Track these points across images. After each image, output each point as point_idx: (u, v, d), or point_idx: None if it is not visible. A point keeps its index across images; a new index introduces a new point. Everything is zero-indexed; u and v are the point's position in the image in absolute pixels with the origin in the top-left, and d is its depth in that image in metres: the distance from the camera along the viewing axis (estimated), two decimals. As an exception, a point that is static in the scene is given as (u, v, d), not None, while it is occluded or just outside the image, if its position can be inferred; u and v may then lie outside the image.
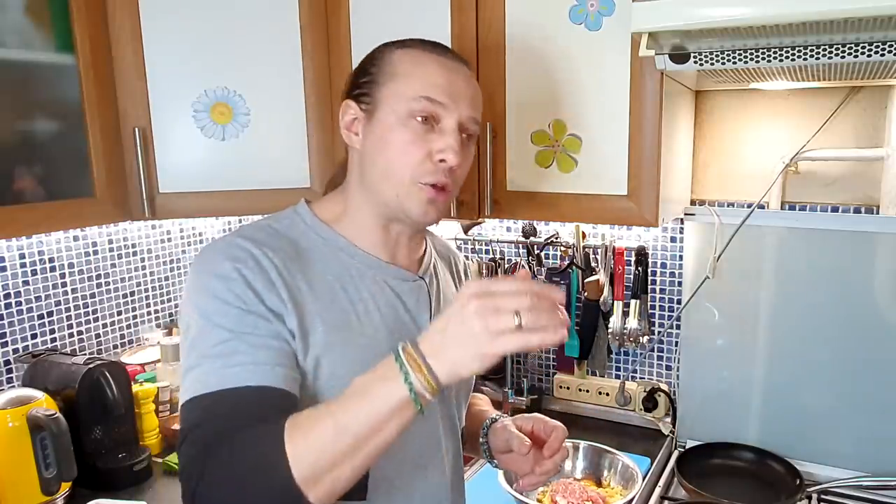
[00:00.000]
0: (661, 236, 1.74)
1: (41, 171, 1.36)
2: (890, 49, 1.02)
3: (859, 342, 1.51)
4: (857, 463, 1.54)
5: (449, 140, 0.91)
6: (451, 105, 0.92)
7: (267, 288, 0.84)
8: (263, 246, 0.88)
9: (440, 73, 0.93)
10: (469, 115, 0.94)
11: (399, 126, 0.92)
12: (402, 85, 0.93)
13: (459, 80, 0.95)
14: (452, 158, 0.91)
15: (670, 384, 1.79)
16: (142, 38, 1.46)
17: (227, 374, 0.80)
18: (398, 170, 0.92)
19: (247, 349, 0.82)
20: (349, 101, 0.97)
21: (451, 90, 0.93)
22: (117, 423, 1.51)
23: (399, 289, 0.97)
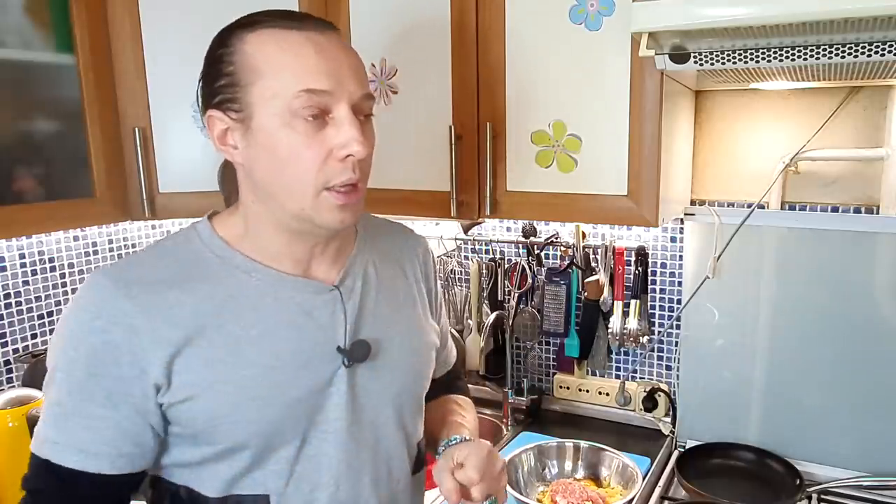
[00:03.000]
0: (661, 236, 1.74)
1: (41, 171, 1.36)
2: (890, 49, 1.02)
3: (859, 342, 1.51)
4: (857, 463, 1.54)
5: (349, 131, 0.79)
6: (338, 89, 0.79)
7: (125, 340, 0.78)
8: (129, 282, 0.80)
9: (311, 53, 0.79)
10: (360, 93, 0.82)
11: (284, 130, 0.79)
12: (272, 81, 0.79)
13: (340, 55, 0.81)
14: (359, 150, 0.79)
15: (670, 384, 1.79)
16: (142, 37, 1.46)
17: (61, 450, 0.78)
18: (298, 180, 0.80)
19: (83, 426, 0.78)
20: (212, 111, 0.83)
21: (331, 71, 0.79)
22: (117, 423, 1.51)
23: (310, 304, 0.87)
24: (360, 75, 0.83)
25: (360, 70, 0.84)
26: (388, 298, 0.96)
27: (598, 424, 1.82)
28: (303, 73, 0.79)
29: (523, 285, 1.88)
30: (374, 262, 0.97)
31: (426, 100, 1.50)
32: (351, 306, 0.91)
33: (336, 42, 0.82)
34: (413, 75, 1.51)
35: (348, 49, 0.84)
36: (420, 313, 1.02)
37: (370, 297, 0.94)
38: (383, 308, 0.95)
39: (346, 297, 0.91)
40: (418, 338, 1.00)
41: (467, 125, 1.47)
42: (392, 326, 0.95)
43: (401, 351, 0.96)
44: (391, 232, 1.05)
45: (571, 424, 1.83)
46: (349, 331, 0.89)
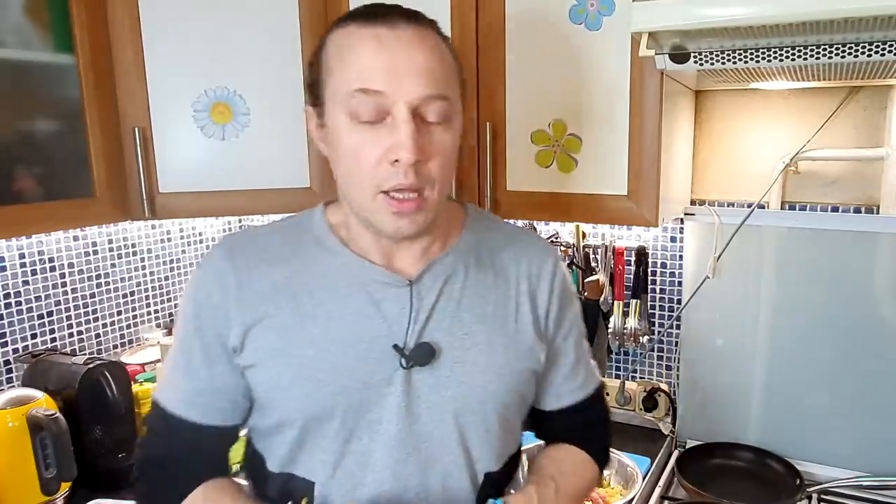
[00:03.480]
0: (661, 236, 1.74)
1: (41, 171, 1.36)
2: (890, 49, 1.02)
3: (859, 342, 1.51)
4: (857, 463, 1.54)
5: (399, 134, 0.76)
6: (393, 89, 0.76)
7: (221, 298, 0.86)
8: (235, 250, 0.88)
9: (374, 51, 0.77)
10: (422, 94, 0.77)
11: (345, 129, 0.79)
12: (338, 79, 0.79)
13: (402, 52, 0.77)
14: (406, 155, 0.76)
15: (670, 384, 1.79)
16: (142, 37, 1.46)
17: (172, 397, 0.89)
18: (356, 180, 0.80)
19: (186, 377, 0.88)
20: (306, 106, 0.86)
21: (390, 69, 0.76)
22: (117, 423, 1.51)
23: (379, 295, 0.86)
24: (429, 74, 0.77)
25: (432, 68, 0.78)
26: (474, 306, 0.88)
27: (598, 424, 1.82)
28: (360, 72, 0.77)
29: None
30: (469, 266, 0.90)
31: (426, 100, 1.50)
32: (422, 305, 0.86)
33: (406, 38, 0.77)
34: (413, 75, 1.51)
35: (420, 45, 0.78)
36: (513, 329, 0.90)
37: (450, 301, 0.88)
38: (464, 314, 0.88)
39: (420, 294, 0.86)
40: (501, 355, 0.88)
41: (467, 125, 1.47)
42: (470, 336, 0.87)
43: (474, 364, 0.87)
44: (512, 240, 0.95)
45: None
46: (414, 330, 0.85)
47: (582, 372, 0.99)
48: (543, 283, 0.93)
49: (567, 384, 0.98)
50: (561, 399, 0.98)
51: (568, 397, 0.98)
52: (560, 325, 0.95)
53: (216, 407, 0.88)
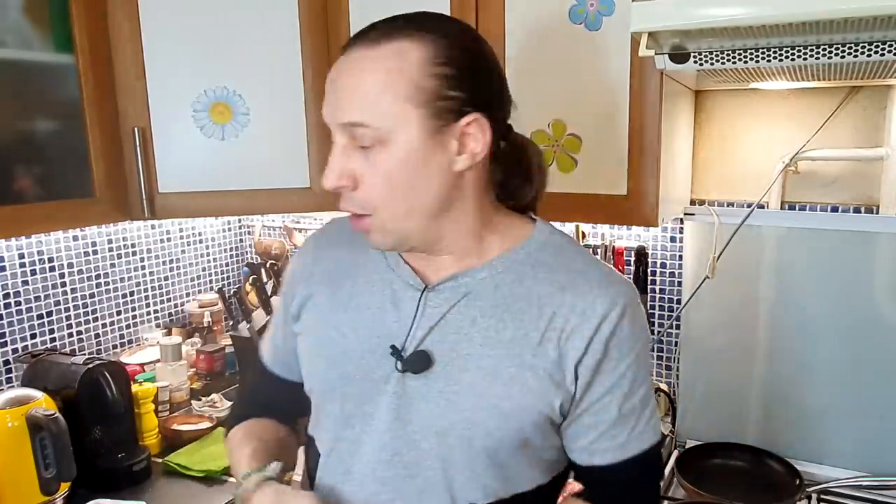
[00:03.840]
0: (661, 236, 1.74)
1: (40, 171, 1.36)
2: (890, 49, 1.02)
3: (859, 342, 1.51)
4: (857, 463, 1.53)
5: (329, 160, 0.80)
6: (327, 116, 0.80)
7: (300, 273, 0.98)
8: (321, 233, 1.02)
9: (328, 79, 0.81)
10: (340, 120, 0.78)
11: None
12: None
13: (338, 78, 0.80)
14: (325, 181, 0.80)
15: (670, 384, 1.79)
16: (141, 37, 1.46)
17: (264, 351, 1.07)
18: None
19: (271, 333, 1.05)
20: None
21: (328, 97, 0.80)
22: (117, 423, 1.51)
23: (400, 294, 0.88)
24: (348, 100, 0.78)
25: (350, 96, 0.78)
26: (489, 328, 0.83)
27: (597, 424, 1.82)
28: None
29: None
30: (502, 285, 0.85)
31: (426, 100, 1.50)
32: (433, 313, 0.85)
33: (348, 63, 0.79)
34: (413, 75, 1.51)
35: (354, 71, 0.78)
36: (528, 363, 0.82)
37: (465, 316, 0.84)
38: (476, 334, 0.83)
39: (433, 302, 0.85)
40: (501, 386, 0.82)
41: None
42: (474, 357, 0.83)
43: (469, 387, 0.82)
44: (571, 268, 0.86)
45: None
46: (416, 336, 0.85)
47: (626, 431, 0.85)
48: (587, 325, 0.82)
49: (602, 442, 0.85)
50: (594, 457, 0.86)
51: (601, 456, 0.86)
52: (596, 377, 0.83)
53: (284, 362, 1.02)
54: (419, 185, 0.80)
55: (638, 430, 0.86)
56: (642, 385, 0.86)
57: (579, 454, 0.87)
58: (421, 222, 0.82)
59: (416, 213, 0.81)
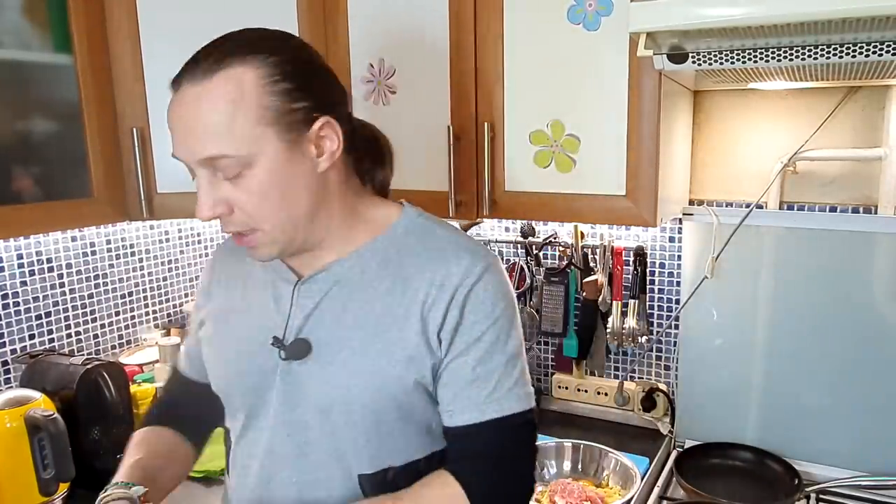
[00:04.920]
0: (660, 236, 1.74)
1: (39, 172, 1.35)
2: (888, 49, 1.02)
3: (858, 342, 1.51)
4: (856, 463, 1.54)
5: (198, 193, 0.85)
6: (181, 154, 0.84)
7: (204, 284, 1.07)
8: (220, 247, 1.09)
9: (168, 118, 0.84)
10: (199, 156, 0.82)
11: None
12: None
13: (180, 119, 0.82)
14: (200, 213, 0.86)
15: (669, 384, 1.79)
16: (139, 38, 1.46)
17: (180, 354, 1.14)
18: None
19: (187, 340, 1.11)
20: None
21: (177, 136, 0.83)
22: (115, 423, 1.51)
23: (280, 291, 0.96)
24: (199, 137, 0.81)
25: (200, 132, 0.80)
26: (359, 309, 0.90)
27: (596, 424, 1.82)
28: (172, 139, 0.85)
29: (522, 285, 1.88)
30: (368, 270, 0.92)
31: (424, 100, 1.50)
32: (306, 303, 0.93)
33: (185, 102, 0.81)
34: (411, 75, 1.51)
35: (195, 108, 0.80)
36: (395, 336, 0.89)
37: (336, 302, 0.91)
38: (348, 316, 0.91)
39: (306, 294, 0.94)
40: (372, 359, 0.89)
41: (465, 125, 1.47)
42: (346, 339, 0.90)
43: (343, 365, 0.90)
44: (432, 247, 0.92)
45: (570, 424, 1.83)
46: (293, 325, 0.93)
47: (484, 392, 0.89)
48: (444, 292, 0.88)
49: (458, 402, 0.89)
50: (454, 417, 0.90)
51: (459, 416, 0.89)
52: (455, 339, 0.89)
53: (198, 368, 1.07)
54: (291, 195, 0.85)
55: (496, 396, 0.89)
56: (502, 351, 0.90)
57: (444, 417, 0.92)
58: (301, 228, 0.88)
59: (295, 220, 0.87)
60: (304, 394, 0.92)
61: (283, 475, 0.94)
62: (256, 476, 0.96)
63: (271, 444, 0.95)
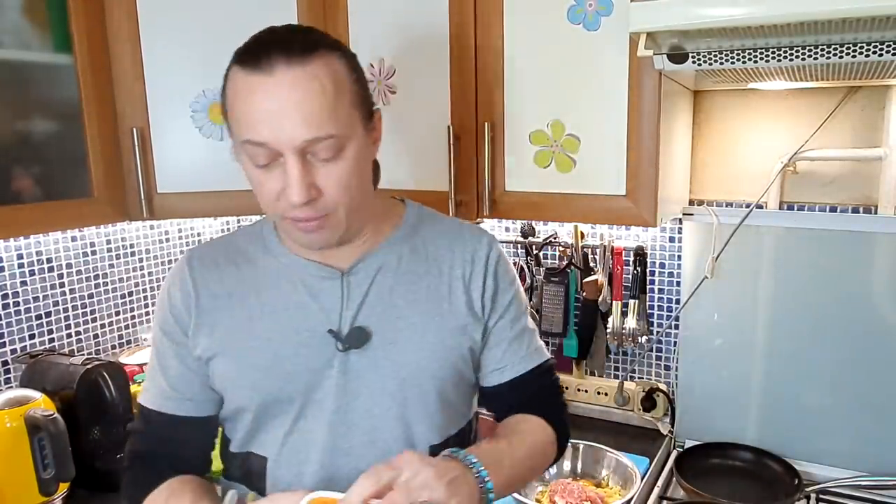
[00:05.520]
0: (660, 236, 1.74)
1: (39, 172, 1.35)
2: (888, 49, 1.02)
3: (858, 342, 1.51)
4: (856, 462, 1.54)
5: (289, 178, 0.82)
6: (276, 138, 0.80)
7: (183, 302, 0.97)
8: (194, 259, 1.00)
9: (255, 102, 0.81)
10: (304, 138, 0.80)
11: (247, 167, 0.86)
12: (232, 125, 0.85)
13: (281, 100, 0.80)
14: (295, 199, 0.82)
15: (669, 384, 1.79)
16: (140, 38, 1.45)
17: (151, 394, 1.00)
18: (263, 205, 0.89)
19: (161, 375, 0.98)
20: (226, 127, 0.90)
21: (270, 120, 0.80)
22: (115, 423, 1.51)
23: (317, 287, 0.95)
24: (305, 119, 0.80)
25: (307, 113, 0.80)
26: (406, 292, 0.97)
27: (596, 424, 1.82)
28: (245, 123, 0.82)
29: (522, 285, 1.88)
30: (403, 256, 0.98)
31: (424, 100, 1.50)
32: (356, 293, 0.95)
33: (286, 83, 0.80)
34: (411, 75, 1.51)
35: (299, 89, 0.80)
36: (446, 310, 0.98)
37: (383, 288, 0.96)
38: (397, 300, 0.96)
39: (354, 284, 0.95)
40: (433, 333, 0.96)
41: (466, 125, 1.47)
42: (403, 319, 0.95)
43: (407, 343, 0.95)
44: (448, 231, 1.04)
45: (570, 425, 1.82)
46: (348, 316, 0.94)
47: (523, 347, 1.04)
48: (478, 266, 1.00)
49: (508, 357, 1.02)
50: (504, 373, 1.03)
51: (510, 370, 1.03)
52: (496, 304, 1.01)
53: (187, 399, 0.98)
54: (364, 179, 0.91)
55: (533, 348, 1.06)
56: (524, 310, 1.07)
57: (493, 375, 1.03)
58: (360, 213, 0.92)
59: (362, 204, 0.91)
60: (368, 382, 0.93)
61: (350, 468, 0.92)
62: (315, 477, 0.93)
63: (331, 440, 0.93)
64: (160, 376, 0.99)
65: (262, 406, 0.95)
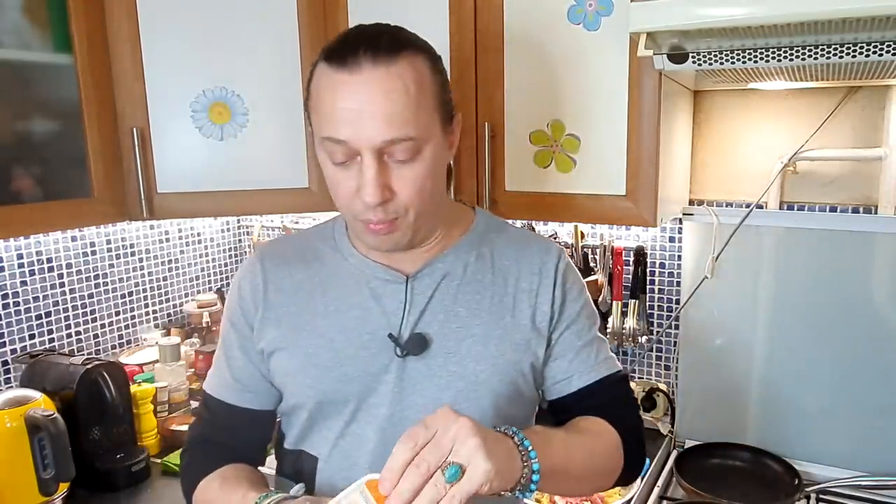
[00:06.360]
0: (660, 236, 1.74)
1: (39, 172, 1.35)
2: (888, 49, 1.02)
3: (857, 342, 1.51)
4: (856, 463, 1.54)
5: (364, 178, 0.82)
6: (357, 137, 0.80)
7: (252, 296, 0.98)
8: (265, 254, 1.01)
9: (339, 100, 0.81)
10: (383, 139, 0.80)
11: (325, 163, 0.86)
12: (314, 120, 0.86)
13: (364, 99, 0.80)
14: (369, 199, 0.82)
15: (669, 384, 1.79)
16: (140, 38, 1.46)
17: (214, 382, 1.01)
18: (338, 205, 0.89)
19: (225, 365, 1.00)
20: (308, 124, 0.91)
21: (353, 119, 0.80)
22: (115, 423, 1.51)
23: (381, 290, 0.94)
24: (387, 120, 0.80)
25: (388, 114, 0.80)
26: (470, 301, 0.94)
27: (596, 424, 1.82)
28: (327, 120, 0.82)
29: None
30: (469, 264, 0.96)
31: (425, 100, 1.50)
32: (419, 299, 0.93)
33: (371, 82, 0.80)
34: (411, 75, 1.51)
35: (383, 89, 0.80)
36: (509, 323, 0.95)
37: (446, 296, 0.94)
38: (460, 309, 0.94)
39: (417, 289, 0.94)
40: (494, 346, 0.93)
41: (465, 125, 1.46)
42: (465, 328, 0.93)
43: (467, 354, 0.92)
44: (515, 241, 1.01)
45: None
46: (409, 322, 0.93)
47: (592, 356, 1.00)
48: (546, 278, 0.97)
49: (574, 367, 0.98)
50: (571, 382, 0.98)
51: (578, 380, 0.98)
52: (562, 315, 0.98)
53: (249, 391, 0.99)
54: (439, 183, 0.89)
55: (602, 358, 1.01)
56: (594, 321, 1.03)
57: (561, 386, 0.99)
58: (433, 217, 0.91)
59: (436, 208, 0.90)
60: (423, 390, 0.92)
61: None
62: None
63: (382, 446, 0.91)
64: (224, 366, 1.00)
65: (317, 405, 0.95)
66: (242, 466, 0.97)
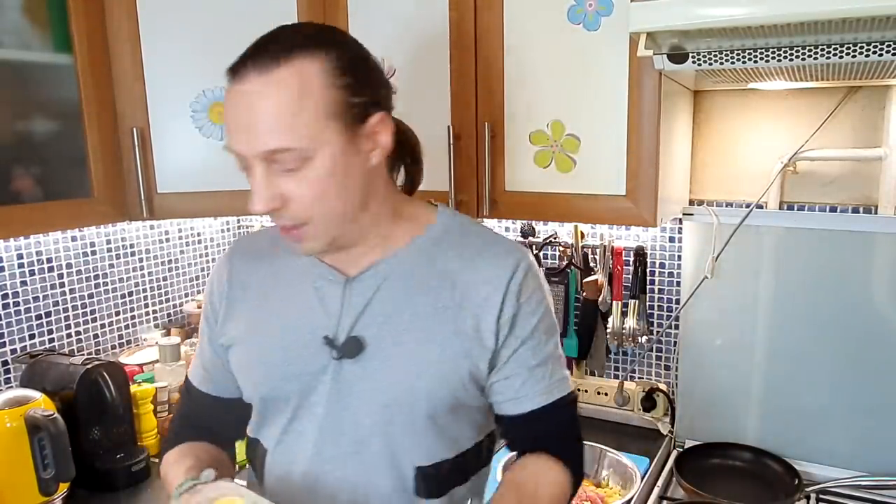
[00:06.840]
0: (660, 236, 1.74)
1: (39, 172, 1.36)
2: (889, 49, 1.02)
3: (858, 342, 1.51)
4: (856, 463, 1.54)
5: (251, 187, 0.84)
6: (240, 147, 0.82)
7: (218, 290, 1.02)
8: (234, 252, 1.04)
9: (228, 108, 0.83)
10: (262, 149, 0.80)
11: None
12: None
13: (245, 110, 0.80)
14: (255, 207, 0.83)
15: (669, 384, 1.79)
16: (140, 38, 1.46)
17: (191, 368, 1.08)
18: None
19: (199, 354, 1.06)
20: None
21: (237, 128, 0.82)
22: (115, 423, 1.51)
23: (324, 290, 0.94)
24: (264, 131, 0.80)
25: (267, 124, 0.79)
26: (412, 306, 0.92)
27: (596, 424, 1.82)
28: (226, 130, 0.85)
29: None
30: (416, 268, 0.93)
31: (425, 100, 1.50)
32: (357, 301, 0.92)
33: (253, 93, 0.80)
34: (412, 75, 1.51)
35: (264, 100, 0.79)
36: (450, 331, 0.91)
37: (387, 300, 0.92)
38: (401, 314, 0.92)
39: (356, 291, 0.93)
40: (432, 354, 0.90)
41: (466, 125, 1.47)
42: (403, 334, 0.91)
43: (403, 360, 0.91)
44: (473, 246, 0.95)
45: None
46: (346, 324, 0.92)
47: (546, 377, 0.95)
48: (497, 289, 0.92)
49: (526, 388, 0.95)
50: (521, 403, 0.95)
51: (528, 402, 0.95)
52: (514, 329, 0.93)
53: (215, 381, 1.04)
54: (346, 189, 0.86)
55: (556, 379, 0.97)
56: (552, 338, 0.97)
57: (511, 406, 0.96)
58: (350, 222, 0.89)
59: (347, 214, 0.88)
60: (358, 392, 0.91)
61: (335, 476, 0.93)
62: (301, 480, 0.94)
63: (319, 446, 0.93)
64: (199, 355, 1.06)
65: (262, 400, 0.98)
66: (204, 446, 1.02)
